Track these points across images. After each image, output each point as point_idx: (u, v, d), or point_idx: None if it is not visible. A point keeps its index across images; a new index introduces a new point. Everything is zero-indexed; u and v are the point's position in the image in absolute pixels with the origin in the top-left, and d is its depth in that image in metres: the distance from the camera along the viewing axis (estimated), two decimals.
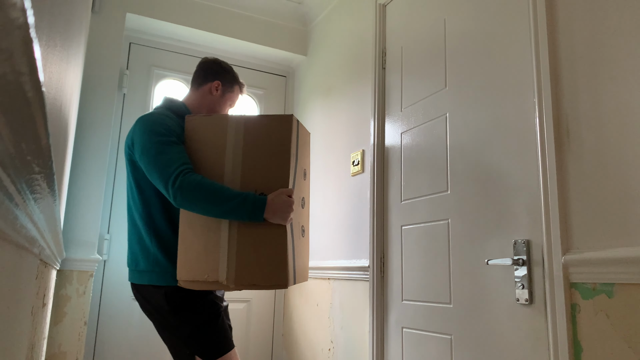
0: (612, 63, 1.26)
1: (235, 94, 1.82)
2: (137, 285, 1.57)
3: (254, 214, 1.40)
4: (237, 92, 1.82)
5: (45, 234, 0.89)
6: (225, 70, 1.79)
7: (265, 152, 1.46)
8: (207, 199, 1.39)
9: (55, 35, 0.68)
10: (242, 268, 1.43)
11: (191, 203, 1.40)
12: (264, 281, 1.41)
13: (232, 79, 1.81)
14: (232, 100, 1.81)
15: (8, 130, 0.33)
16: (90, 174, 2.46)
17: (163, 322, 1.53)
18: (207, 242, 1.46)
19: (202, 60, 1.81)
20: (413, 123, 2.03)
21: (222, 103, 1.77)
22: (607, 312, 1.20)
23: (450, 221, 1.76)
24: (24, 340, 0.96)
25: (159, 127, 1.51)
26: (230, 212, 1.40)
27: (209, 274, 1.44)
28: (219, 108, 1.77)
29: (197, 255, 1.46)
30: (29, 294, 0.97)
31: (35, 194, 0.54)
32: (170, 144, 1.48)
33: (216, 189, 1.40)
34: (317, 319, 2.56)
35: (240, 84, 1.84)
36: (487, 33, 1.70)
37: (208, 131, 1.50)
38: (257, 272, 1.42)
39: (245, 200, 1.39)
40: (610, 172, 1.23)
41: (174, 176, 1.41)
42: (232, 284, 1.43)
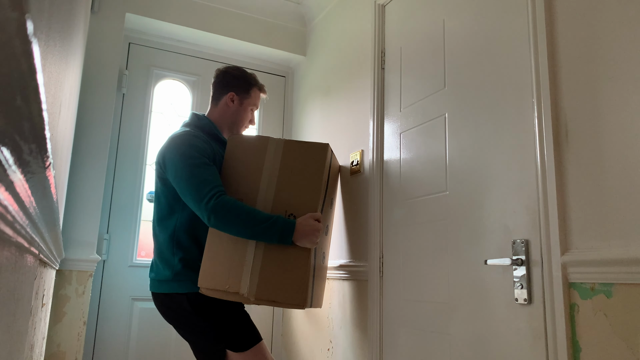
0: (611, 63, 1.26)
1: (254, 98, 1.81)
2: (159, 294, 1.62)
3: (282, 237, 1.48)
4: (255, 94, 1.82)
5: (44, 234, 0.89)
6: (236, 78, 1.80)
7: (300, 176, 1.54)
8: (239, 221, 1.46)
9: (54, 35, 0.68)
10: (263, 284, 1.49)
11: (224, 224, 1.47)
12: (283, 299, 1.48)
13: (246, 84, 1.81)
14: (253, 104, 1.81)
15: (7, 130, 0.33)
16: (89, 174, 2.46)
17: (190, 325, 1.58)
18: (233, 255, 1.53)
19: (215, 72, 1.84)
20: (412, 123, 2.04)
21: (242, 112, 1.78)
22: (605, 312, 1.20)
23: (449, 221, 1.76)
24: (23, 340, 0.96)
25: (191, 149, 1.58)
26: (261, 235, 1.48)
27: (231, 285, 1.51)
28: (241, 117, 1.79)
29: (221, 265, 1.53)
30: (28, 294, 0.97)
31: (34, 194, 0.54)
32: (203, 166, 1.55)
33: (248, 212, 1.47)
34: (316, 319, 2.56)
35: (258, 85, 1.84)
36: (486, 33, 1.70)
37: (248, 150, 1.62)
38: (278, 290, 1.48)
39: (275, 224, 1.47)
40: (609, 172, 1.23)
41: (207, 197, 1.48)
42: (252, 298, 1.51)
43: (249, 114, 1.81)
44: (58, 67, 0.84)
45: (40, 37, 0.48)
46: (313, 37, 3.13)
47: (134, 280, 2.65)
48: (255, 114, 1.88)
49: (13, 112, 0.33)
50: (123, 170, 2.72)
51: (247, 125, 1.85)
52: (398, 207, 2.06)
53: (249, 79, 1.82)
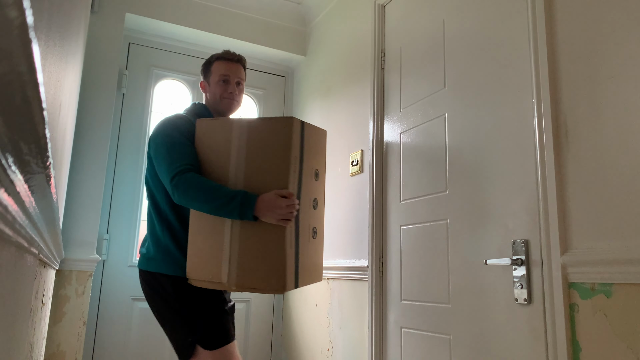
0: (610, 63, 1.26)
1: (216, 69, 1.74)
2: (145, 272, 1.62)
3: (243, 211, 1.42)
4: (216, 66, 1.75)
5: (44, 234, 0.89)
6: (202, 67, 1.80)
7: (266, 154, 1.47)
8: (199, 196, 1.46)
9: (54, 35, 0.68)
10: (242, 271, 1.46)
11: (186, 200, 1.48)
12: (261, 285, 1.44)
13: (207, 65, 1.78)
14: (218, 76, 1.73)
15: (7, 130, 0.33)
16: (89, 173, 2.46)
17: (168, 310, 1.57)
18: (212, 244, 1.50)
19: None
20: (412, 123, 2.04)
21: (214, 89, 1.73)
22: (605, 312, 1.20)
23: (449, 221, 1.76)
24: (23, 340, 0.96)
25: (172, 129, 1.59)
26: (221, 209, 1.45)
27: (214, 274, 1.48)
28: (213, 95, 1.73)
29: (203, 254, 1.51)
30: (28, 294, 0.97)
31: (34, 194, 0.54)
32: (179, 145, 1.55)
33: (209, 187, 1.46)
34: (316, 319, 2.56)
35: (216, 56, 1.77)
36: (486, 33, 1.70)
37: (215, 134, 1.56)
38: (256, 276, 1.44)
39: (234, 198, 1.43)
40: (609, 172, 1.23)
41: (173, 174, 1.49)
42: (234, 286, 1.47)
43: (220, 87, 1.72)
44: (58, 67, 0.84)
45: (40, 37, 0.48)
46: (313, 37, 3.13)
47: (134, 280, 2.65)
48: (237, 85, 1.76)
49: (13, 111, 0.33)
50: (123, 170, 2.72)
51: (226, 97, 1.73)
52: (398, 207, 2.06)
53: (208, 60, 1.79)
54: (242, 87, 1.78)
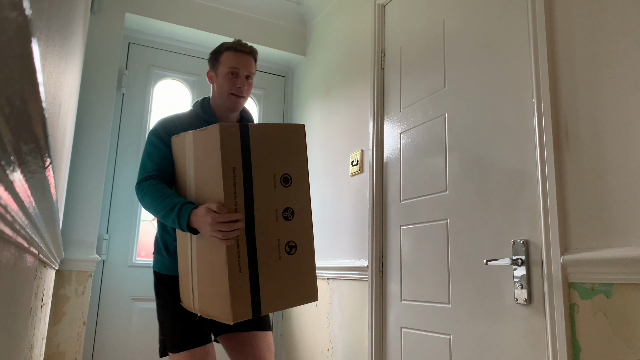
0: (610, 62, 1.26)
1: (225, 61, 1.64)
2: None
3: (180, 222, 1.36)
4: (225, 57, 1.65)
5: (44, 234, 0.89)
6: (210, 55, 1.72)
7: (207, 165, 1.36)
8: (152, 204, 1.47)
9: (54, 35, 0.68)
10: (200, 296, 1.38)
11: (144, 207, 1.52)
12: (216, 312, 1.32)
13: (215, 55, 1.68)
14: (227, 67, 1.63)
15: (7, 130, 0.33)
16: (89, 173, 2.46)
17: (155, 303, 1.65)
18: (184, 265, 1.47)
19: None
20: (412, 123, 2.04)
21: (221, 82, 1.64)
22: (605, 312, 1.20)
23: (449, 221, 1.76)
24: (23, 340, 0.96)
25: (152, 133, 1.60)
26: (166, 218, 1.41)
27: (187, 299, 1.46)
28: (224, 87, 1.64)
29: (182, 278, 1.49)
30: (28, 294, 0.97)
31: (34, 194, 0.54)
32: (152, 150, 1.57)
33: (159, 195, 1.45)
34: (316, 319, 2.56)
35: (226, 46, 1.67)
36: (486, 33, 1.70)
37: (178, 150, 1.50)
38: (211, 303, 1.34)
39: (173, 208, 1.39)
40: (609, 172, 1.23)
41: (137, 181, 1.56)
42: (199, 313, 1.40)
43: (228, 80, 1.62)
44: (58, 67, 0.84)
45: (40, 37, 0.48)
46: (313, 37, 3.13)
47: (134, 281, 2.65)
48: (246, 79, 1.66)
49: (13, 111, 0.33)
50: (123, 170, 2.72)
51: (233, 92, 1.63)
52: (398, 207, 2.06)
53: (217, 49, 1.69)
54: (251, 82, 1.68)
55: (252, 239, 1.30)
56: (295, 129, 1.42)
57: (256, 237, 1.31)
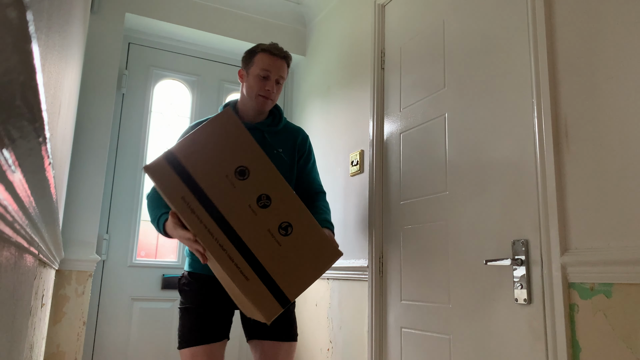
0: (610, 62, 1.26)
1: (258, 62, 1.64)
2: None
3: (162, 233, 1.48)
4: (259, 58, 1.65)
5: (44, 234, 0.89)
6: (244, 54, 1.71)
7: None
8: (148, 212, 1.56)
9: (54, 35, 0.68)
10: (241, 305, 1.44)
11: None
12: (257, 316, 1.33)
13: (250, 54, 1.67)
14: (260, 69, 1.63)
15: (7, 130, 0.33)
16: (89, 173, 2.46)
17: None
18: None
19: None
20: (412, 123, 2.04)
21: (252, 82, 1.64)
22: (605, 312, 1.20)
23: (449, 221, 1.76)
24: (23, 340, 0.96)
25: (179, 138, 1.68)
26: (156, 227, 1.52)
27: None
28: (254, 88, 1.64)
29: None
30: (28, 294, 0.97)
31: (34, 194, 0.54)
32: None
33: (150, 207, 1.55)
34: (316, 319, 2.56)
35: (262, 47, 1.67)
36: (486, 33, 1.70)
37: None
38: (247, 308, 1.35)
39: (155, 220, 1.51)
40: (609, 172, 1.23)
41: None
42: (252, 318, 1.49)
43: (258, 82, 1.63)
44: (58, 67, 0.84)
45: (40, 37, 0.48)
46: (313, 37, 3.13)
47: (134, 281, 2.65)
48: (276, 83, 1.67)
49: (13, 112, 0.33)
50: (123, 170, 2.72)
51: (261, 94, 1.64)
52: (398, 207, 2.06)
53: (252, 49, 1.68)
54: (281, 86, 1.71)
55: (242, 244, 1.26)
56: (223, 118, 1.30)
57: (244, 240, 1.26)
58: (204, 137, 1.27)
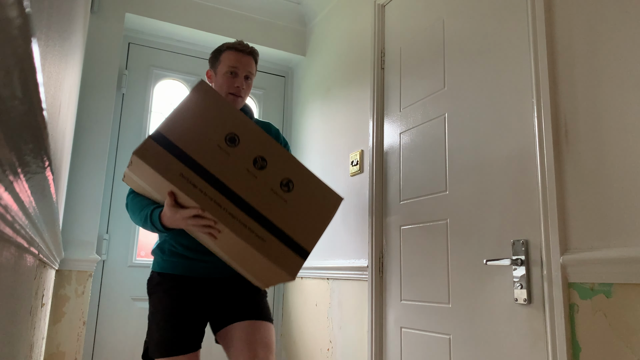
0: (610, 62, 1.26)
1: (225, 60, 1.63)
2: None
3: (157, 229, 1.40)
4: (225, 56, 1.64)
5: (44, 234, 0.89)
6: (210, 54, 1.71)
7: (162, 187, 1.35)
8: (134, 220, 1.48)
9: (54, 35, 0.68)
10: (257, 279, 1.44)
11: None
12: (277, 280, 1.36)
13: (216, 53, 1.67)
14: (226, 67, 1.62)
15: (6, 130, 0.33)
16: (89, 173, 2.46)
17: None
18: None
19: None
20: (412, 123, 2.04)
21: (220, 81, 1.63)
22: (605, 312, 1.20)
23: (449, 221, 1.76)
24: (23, 340, 0.96)
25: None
26: (147, 229, 1.45)
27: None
28: (223, 86, 1.63)
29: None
30: (28, 293, 0.97)
31: (34, 194, 0.54)
32: None
33: (135, 210, 1.47)
34: (315, 319, 2.56)
35: (226, 45, 1.66)
36: (486, 33, 1.70)
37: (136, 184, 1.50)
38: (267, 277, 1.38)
39: (146, 220, 1.42)
40: (609, 172, 1.23)
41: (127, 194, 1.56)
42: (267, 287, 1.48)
43: (227, 80, 1.62)
44: (58, 67, 0.84)
45: (40, 37, 0.48)
46: (313, 37, 3.13)
47: (134, 281, 2.65)
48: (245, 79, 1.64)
49: (13, 112, 0.33)
50: (123, 170, 2.72)
51: (231, 92, 1.62)
52: (398, 207, 2.06)
53: (218, 48, 1.68)
54: (250, 82, 1.67)
55: (250, 208, 1.27)
56: (201, 90, 1.30)
57: (252, 204, 1.27)
58: (186, 112, 1.27)
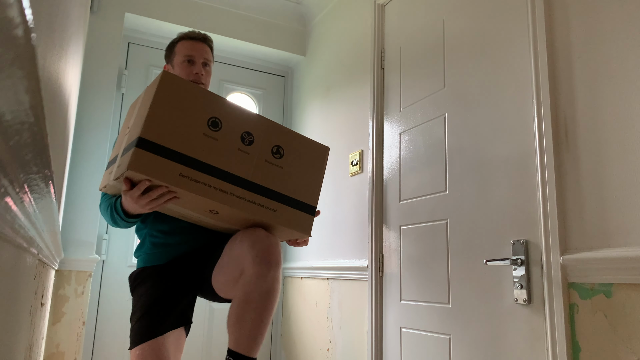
0: (610, 62, 1.26)
1: (179, 50, 1.62)
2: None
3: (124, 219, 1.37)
4: (180, 47, 1.63)
5: (43, 234, 0.89)
6: (165, 50, 1.71)
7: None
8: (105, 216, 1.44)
9: (53, 35, 0.68)
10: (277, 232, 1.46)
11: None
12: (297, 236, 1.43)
13: (170, 45, 1.67)
14: (182, 57, 1.60)
15: (6, 130, 0.33)
16: (89, 173, 2.46)
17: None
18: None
19: None
20: (412, 123, 2.04)
21: (178, 71, 1.61)
22: (605, 312, 1.20)
23: (449, 221, 1.76)
24: (22, 340, 0.96)
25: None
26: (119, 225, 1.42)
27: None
28: (182, 76, 1.59)
29: None
30: (28, 293, 0.97)
31: (33, 194, 0.54)
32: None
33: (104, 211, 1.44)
34: (315, 319, 2.56)
35: (181, 37, 1.65)
36: (486, 33, 1.70)
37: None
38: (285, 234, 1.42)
39: (112, 214, 1.39)
40: (609, 172, 1.23)
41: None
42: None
43: (185, 68, 1.59)
44: (58, 67, 0.84)
45: (40, 37, 0.48)
46: (313, 37, 3.13)
47: None
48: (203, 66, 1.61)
49: (13, 112, 0.33)
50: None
51: (191, 79, 1.59)
52: (398, 207, 2.06)
53: (171, 41, 1.68)
54: (209, 69, 1.64)
55: (253, 185, 1.29)
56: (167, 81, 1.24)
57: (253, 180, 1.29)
58: (162, 107, 1.22)
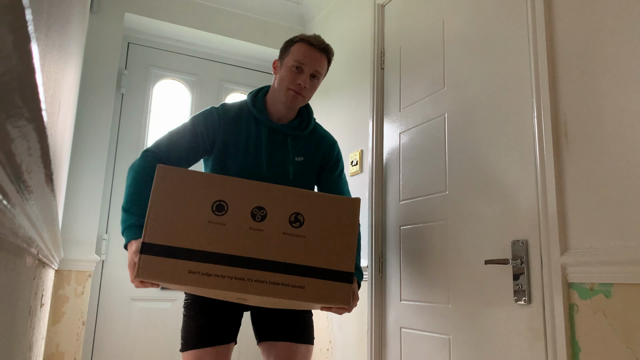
0: (609, 62, 1.26)
1: (294, 52, 1.48)
2: None
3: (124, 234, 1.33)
4: (295, 48, 1.49)
5: (43, 234, 0.89)
6: (283, 44, 1.56)
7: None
8: (126, 185, 1.36)
9: (53, 35, 0.68)
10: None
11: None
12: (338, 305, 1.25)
13: (287, 44, 1.52)
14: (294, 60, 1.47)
15: (6, 130, 0.33)
16: (88, 173, 2.46)
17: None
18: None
19: None
20: (412, 123, 2.04)
21: (284, 73, 1.49)
22: (605, 312, 1.20)
23: (449, 221, 1.76)
24: (22, 340, 0.96)
25: (196, 117, 1.50)
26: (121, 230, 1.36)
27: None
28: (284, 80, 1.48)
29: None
30: (27, 294, 0.97)
31: (33, 194, 0.54)
32: (182, 130, 1.46)
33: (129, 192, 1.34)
34: (315, 319, 2.56)
35: (299, 37, 1.51)
36: (486, 33, 1.70)
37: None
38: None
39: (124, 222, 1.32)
40: (608, 172, 1.23)
41: (144, 150, 1.42)
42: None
43: (290, 74, 1.47)
44: (57, 66, 0.84)
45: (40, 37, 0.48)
46: None
47: None
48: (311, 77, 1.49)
49: (12, 111, 0.33)
50: (122, 170, 2.72)
51: (292, 89, 1.47)
52: (398, 207, 2.06)
53: (291, 38, 1.52)
54: (316, 83, 1.51)
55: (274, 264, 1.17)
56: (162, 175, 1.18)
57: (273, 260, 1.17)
58: (161, 206, 1.16)
